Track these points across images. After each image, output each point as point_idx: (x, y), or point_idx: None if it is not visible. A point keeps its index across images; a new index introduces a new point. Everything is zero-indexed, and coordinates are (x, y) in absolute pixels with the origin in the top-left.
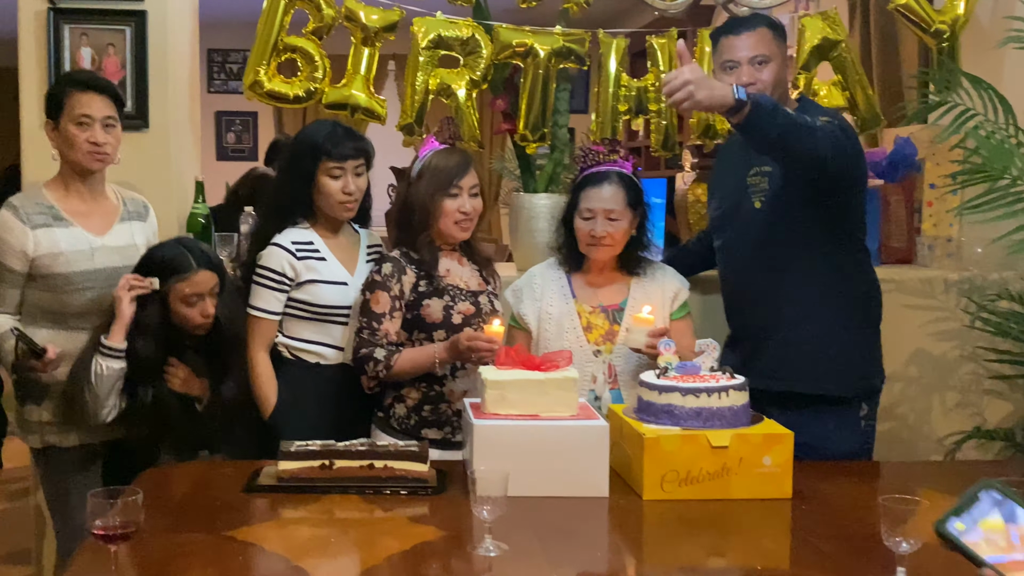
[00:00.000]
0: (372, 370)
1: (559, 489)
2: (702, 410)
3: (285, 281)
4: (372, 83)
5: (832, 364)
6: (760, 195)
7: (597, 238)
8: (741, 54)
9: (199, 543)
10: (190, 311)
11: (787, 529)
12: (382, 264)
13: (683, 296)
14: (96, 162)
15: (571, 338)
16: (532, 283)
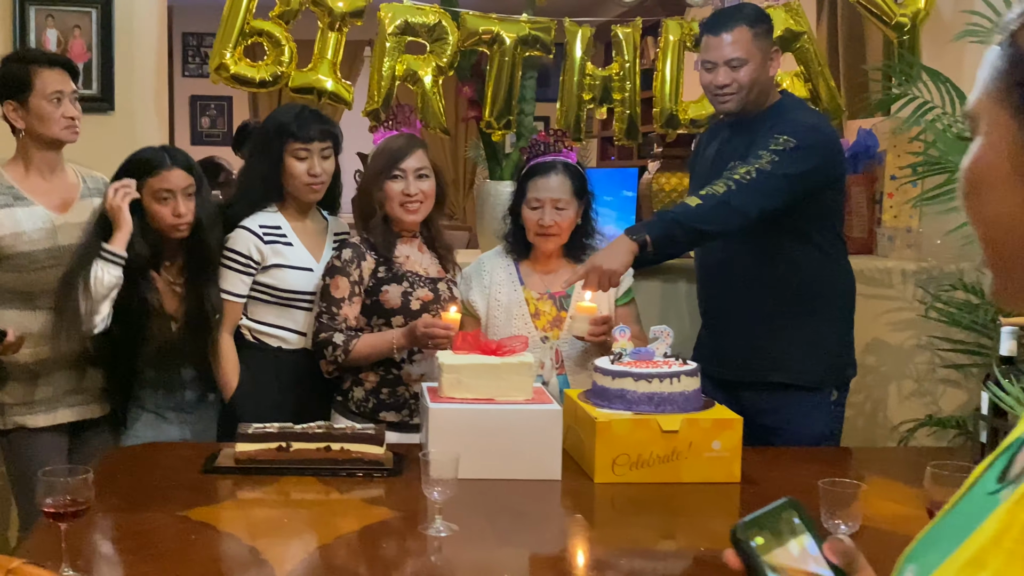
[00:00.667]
0: (331, 355)
1: (513, 472)
2: (654, 395)
3: (251, 264)
4: (339, 68)
5: (809, 354)
6: None
7: (545, 227)
8: (717, 55)
9: (152, 522)
10: (162, 209)
11: (735, 512)
12: (342, 250)
13: (627, 283)
14: (73, 135)
15: (519, 325)
16: (481, 270)
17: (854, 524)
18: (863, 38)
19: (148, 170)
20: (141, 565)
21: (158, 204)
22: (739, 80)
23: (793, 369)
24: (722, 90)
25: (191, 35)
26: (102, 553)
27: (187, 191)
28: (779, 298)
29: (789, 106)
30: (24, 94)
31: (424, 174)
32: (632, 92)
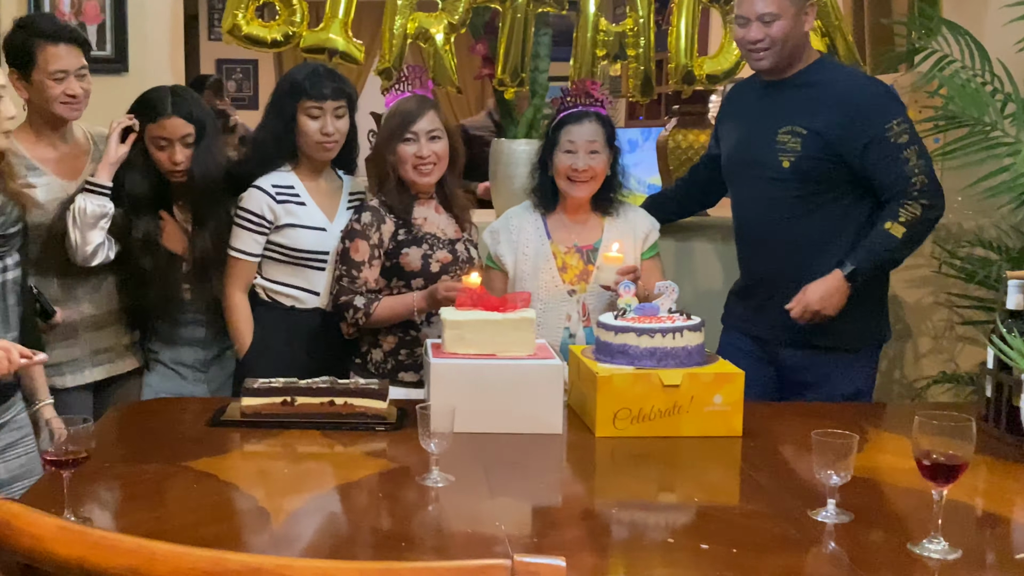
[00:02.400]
0: (352, 317)
1: (515, 426)
2: (656, 350)
3: (264, 224)
4: (350, 26)
5: (852, 317)
6: (790, 155)
7: (579, 171)
8: (750, 9)
9: (156, 472)
10: (159, 154)
11: (734, 465)
12: (361, 213)
13: (653, 236)
14: (73, 112)
15: (546, 278)
16: (509, 224)
17: (846, 475)
18: None
19: (150, 115)
20: (141, 512)
21: (156, 150)
22: (772, 35)
23: (837, 331)
24: (755, 45)
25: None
26: (104, 500)
27: (185, 140)
28: (826, 262)
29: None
30: (27, 68)
31: (436, 135)
32: (646, 48)
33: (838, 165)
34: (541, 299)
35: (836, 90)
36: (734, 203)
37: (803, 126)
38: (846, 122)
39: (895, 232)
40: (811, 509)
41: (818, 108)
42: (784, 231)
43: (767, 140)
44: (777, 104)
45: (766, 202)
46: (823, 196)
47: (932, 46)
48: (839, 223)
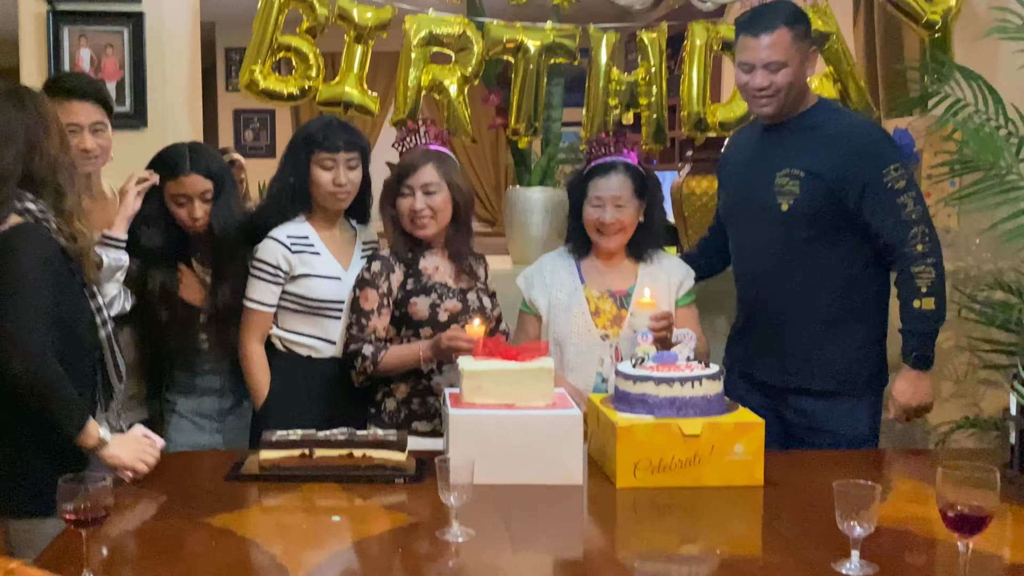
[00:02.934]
0: (360, 366)
1: (535, 477)
2: (675, 399)
3: (280, 274)
4: (365, 80)
5: (856, 360)
6: (789, 198)
7: (606, 224)
8: (755, 56)
9: (174, 528)
10: (179, 211)
11: (756, 516)
12: (372, 262)
13: (688, 284)
14: (88, 165)
15: (579, 323)
16: (543, 269)
17: (869, 525)
18: (900, 36)
19: (169, 172)
20: (160, 570)
21: (176, 207)
22: (777, 83)
23: (841, 375)
24: (760, 92)
25: (234, 50)
26: (123, 559)
27: (204, 196)
28: (830, 306)
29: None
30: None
31: (432, 190)
32: (659, 96)
33: (836, 208)
34: (574, 343)
35: (834, 133)
36: (733, 246)
37: (801, 168)
38: (844, 164)
39: (927, 306)
40: (835, 561)
41: (817, 151)
42: (784, 273)
43: (766, 183)
44: (776, 147)
45: (765, 244)
46: (822, 239)
47: (945, 91)
48: (839, 266)
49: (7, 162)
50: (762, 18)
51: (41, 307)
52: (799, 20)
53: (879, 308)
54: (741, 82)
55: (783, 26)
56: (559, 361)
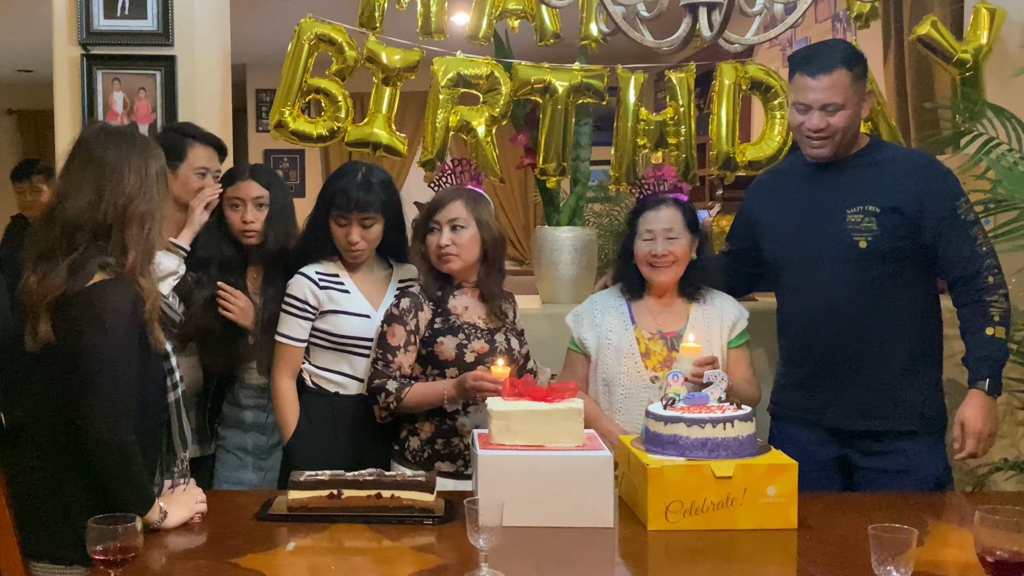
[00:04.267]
0: (383, 401)
1: (564, 519)
2: (707, 440)
3: (308, 309)
4: (393, 121)
5: (931, 399)
6: (866, 235)
7: (658, 256)
8: (812, 98)
9: (202, 569)
10: (233, 214)
11: (790, 559)
12: (401, 299)
13: (741, 325)
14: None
15: (629, 364)
16: (593, 308)
17: (906, 571)
18: (931, 75)
19: (229, 180)
20: None
21: (230, 210)
22: (833, 125)
23: (921, 414)
24: (816, 134)
25: (264, 91)
26: None
27: (258, 201)
28: (908, 343)
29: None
30: (177, 162)
31: (459, 225)
32: (688, 136)
33: (913, 242)
34: (623, 384)
35: (906, 167)
36: (790, 290)
37: (876, 204)
38: (921, 198)
39: (1000, 335)
40: None
41: (890, 186)
42: (860, 313)
43: (836, 222)
44: (840, 185)
45: (838, 285)
46: (898, 276)
47: (977, 129)
48: (913, 303)
49: (77, 210)
50: (820, 58)
51: (131, 372)
52: (857, 61)
53: (941, 345)
54: (796, 122)
55: (842, 67)
56: (607, 402)
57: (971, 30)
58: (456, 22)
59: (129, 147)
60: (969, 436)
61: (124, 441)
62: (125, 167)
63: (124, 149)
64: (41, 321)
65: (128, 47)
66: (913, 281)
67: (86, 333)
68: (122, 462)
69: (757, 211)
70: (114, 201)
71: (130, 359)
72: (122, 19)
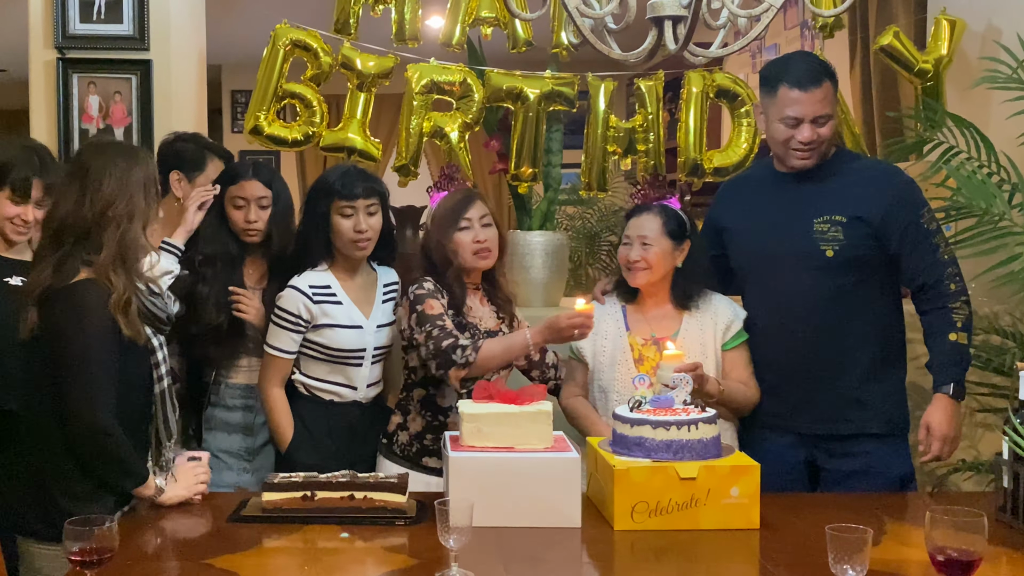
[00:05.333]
0: (461, 356)
1: (533, 519)
2: (672, 442)
3: (300, 323)
4: (368, 126)
5: (896, 403)
6: (832, 244)
7: (632, 262)
8: (804, 110)
9: (177, 570)
10: (236, 213)
11: (752, 559)
12: (422, 282)
13: (736, 326)
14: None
15: (623, 370)
16: None
17: (861, 569)
18: (896, 84)
19: (230, 178)
20: None
21: (234, 209)
22: (822, 135)
23: (889, 417)
24: (806, 146)
25: (240, 92)
26: None
27: (261, 202)
28: (875, 349)
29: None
30: (195, 172)
31: (488, 222)
32: (656, 143)
33: (878, 251)
34: (617, 391)
35: (872, 178)
36: (756, 298)
37: (843, 214)
38: (886, 208)
39: (962, 340)
40: None
41: (856, 196)
42: (828, 321)
43: (803, 231)
44: (808, 194)
45: (806, 292)
46: (864, 284)
47: (939, 137)
48: (879, 309)
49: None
50: (808, 71)
51: (108, 362)
52: (833, 72)
53: (904, 348)
54: (782, 136)
55: (826, 79)
56: (604, 408)
57: (932, 41)
58: (431, 26)
59: (113, 155)
60: (935, 439)
61: (103, 422)
62: (106, 174)
63: (107, 157)
64: (30, 312)
65: (104, 51)
66: (878, 288)
67: (65, 325)
68: (103, 441)
69: (724, 218)
70: (93, 205)
71: (106, 350)
72: (98, 23)
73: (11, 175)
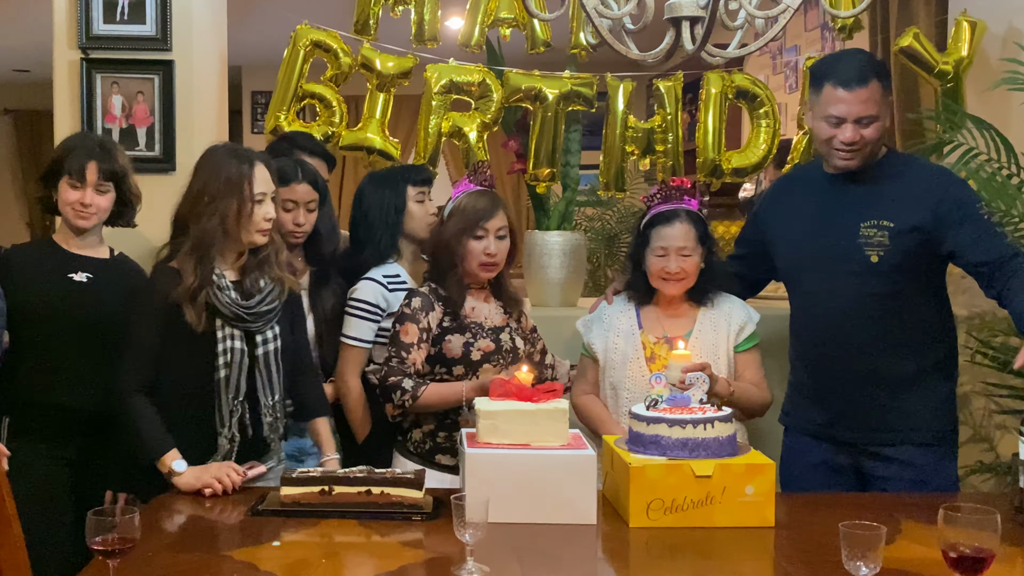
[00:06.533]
0: (399, 399)
1: (549, 516)
2: (688, 440)
3: (378, 311)
4: (387, 126)
5: (942, 412)
6: (878, 249)
7: (671, 274)
8: (847, 110)
9: (196, 562)
10: (285, 216)
11: (767, 556)
12: (412, 298)
13: (749, 328)
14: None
15: (635, 368)
16: (603, 314)
17: (875, 566)
18: (916, 86)
19: (280, 180)
20: None
21: (283, 212)
22: (867, 137)
23: (932, 426)
24: (848, 147)
25: (260, 93)
26: None
27: (309, 206)
28: (921, 357)
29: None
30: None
31: (503, 235)
32: (675, 143)
33: (927, 258)
34: (627, 389)
35: (921, 181)
36: (802, 300)
37: (891, 220)
38: (936, 211)
39: None
40: None
41: (905, 201)
42: (869, 327)
43: (848, 235)
44: (856, 197)
45: (851, 298)
46: (908, 291)
47: (958, 139)
48: (920, 317)
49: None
50: (854, 70)
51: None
52: (885, 72)
53: (954, 358)
54: (826, 135)
55: (875, 79)
56: (615, 405)
57: (952, 42)
58: (450, 27)
59: (216, 154)
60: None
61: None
62: (202, 171)
63: (211, 156)
64: None
65: (127, 51)
66: (924, 297)
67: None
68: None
69: (771, 217)
70: (187, 199)
71: (148, 330)
72: (121, 24)
73: (68, 160)
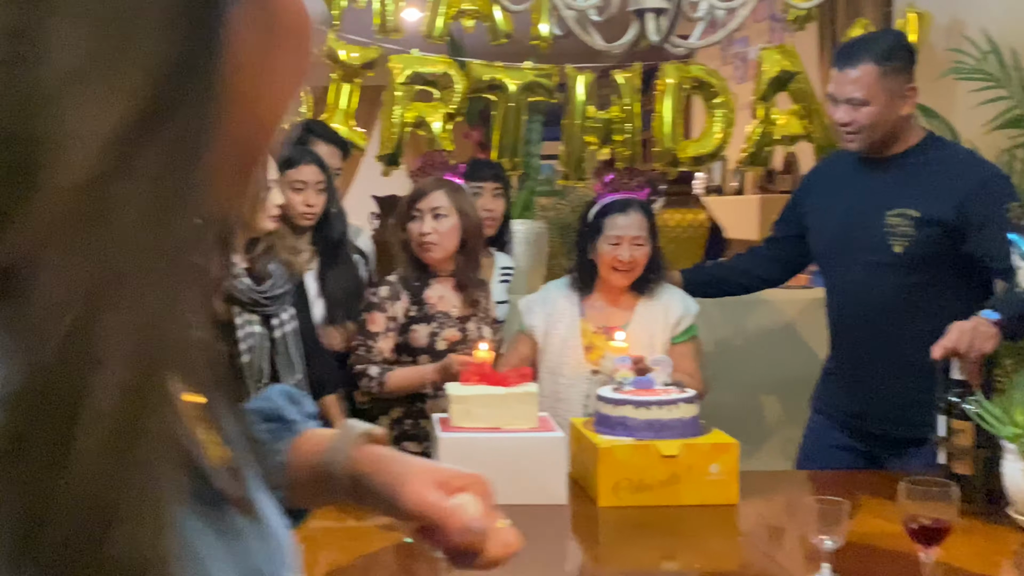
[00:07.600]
0: (366, 386)
1: (520, 497)
2: (654, 421)
3: None
4: (353, 116)
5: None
6: (903, 240)
7: (623, 263)
8: (837, 90)
9: None
10: (295, 196)
11: (732, 533)
12: (379, 287)
13: (687, 321)
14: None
15: (572, 356)
16: (546, 297)
17: (840, 539)
18: None
19: (287, 163)
20: None
21: (292, 193)
22: (859, 120)
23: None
24: (843, 128)
25: None
26: None
27: (318, 186)
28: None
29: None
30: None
31: (441, 213)
32: (632, 133)
33: (952, 250)
34: (565, 375)
35: (952, 169)
36: (831, 287)
37: (916, 209)
38: (963, 203)
39: None
40: (807, 574)
41: (933, 189)
42: (893, 317)
43: (874, 223)
44: (882, 184)
45: (875, 288)
46: (934, 282)
47: None
48: (946, 310)
49: None
50: (852, 51)
51: None
52: (893, 56)
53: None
54: (830, 113)
55: (870, 62)
56: (552, 388)
57: None
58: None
59: None
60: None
61: None
62: None
63: None
64: None
65: None
66: (949, 290)
67: None
68: None
69: (807, 200)
70: None
71: None
72: None
73: None
